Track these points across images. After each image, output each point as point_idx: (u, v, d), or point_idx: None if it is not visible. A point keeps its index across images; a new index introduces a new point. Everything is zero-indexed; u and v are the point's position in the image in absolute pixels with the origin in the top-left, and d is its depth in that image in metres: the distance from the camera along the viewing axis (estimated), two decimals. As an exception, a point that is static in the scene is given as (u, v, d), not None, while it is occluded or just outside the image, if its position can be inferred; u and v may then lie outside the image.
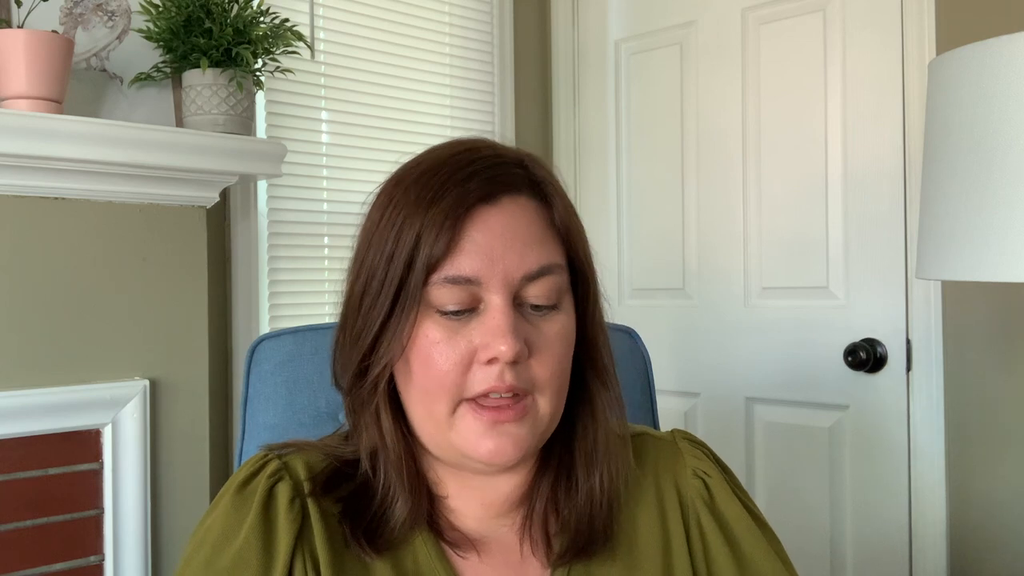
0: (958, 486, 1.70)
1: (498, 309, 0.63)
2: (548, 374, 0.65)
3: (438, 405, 0.65)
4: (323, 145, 1.91)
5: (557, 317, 0.67)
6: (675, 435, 0.81)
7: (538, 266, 0.65)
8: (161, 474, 1.48)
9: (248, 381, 1.00)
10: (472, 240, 0.64)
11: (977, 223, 1.10)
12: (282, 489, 0.68)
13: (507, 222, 0.65)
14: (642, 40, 2.19)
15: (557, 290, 0.67)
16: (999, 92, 1.08)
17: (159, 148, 1.38)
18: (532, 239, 0.66)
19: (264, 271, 1.78)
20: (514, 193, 0.66)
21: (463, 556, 0.69)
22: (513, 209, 0.66)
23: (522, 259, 0.64)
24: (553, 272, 0.66)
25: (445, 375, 0.64)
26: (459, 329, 0.64)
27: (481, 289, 0.64)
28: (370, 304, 0.66)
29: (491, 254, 0.64)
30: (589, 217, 2.28)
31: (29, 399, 1.33)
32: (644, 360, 1.11)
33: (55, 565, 1.36)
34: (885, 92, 1.77)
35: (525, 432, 0.65)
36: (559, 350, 0.66)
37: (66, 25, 1.41)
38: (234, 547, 0.66)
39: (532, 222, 0.66)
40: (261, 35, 1.48)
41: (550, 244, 0.67)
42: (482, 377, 0.63)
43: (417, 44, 2.08)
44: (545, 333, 0.66)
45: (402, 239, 0.64)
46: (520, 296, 0.65)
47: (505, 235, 0.64)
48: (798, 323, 1.90)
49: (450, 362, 0.64)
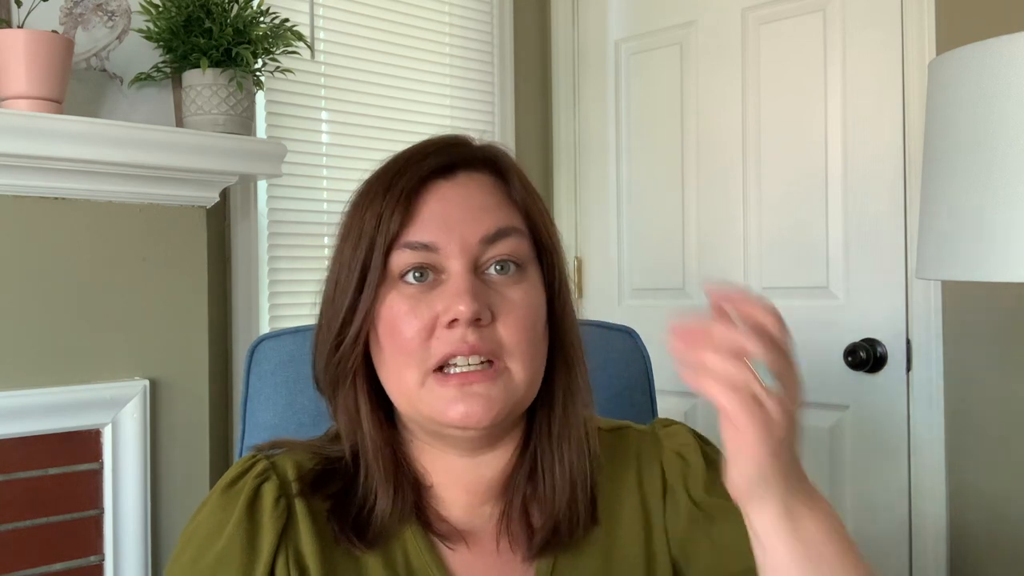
0: (958, 486, 1.70)
1: (457, 274, 0.65)
2: (516, 338, 0.66)
3: (407, 373, 0.66)
4: (323, 145, 1.91)
5: (521, 283, 0.68)
6: (655, 425, 0.81)
7: (495, 228, 0.67)
8: (161, 474, 1.48)
9: (248, 381, 1.00)
10: (429, 209, 0.67)
11: (977, 223, 1.10)
12: (268, 489, 0.69)
13: (463, 192, 0.68)
14: (642, 40, 2.19)
15: (518, 255, 0.68)
16: (999, 92, 1.08)
17: (159, 148, 1.38)
18: (489, 206, 0.68)
19: (264, 271, 1.78)
20: (471, 169, 0.70)
21: (452, 547, 0.70)
22: (468, 181, 0.69)
23: (479, 223, 0.66)
24: (511, 235, 0.67)
25: (409, 341, 0.65)
26: (423, 298, 0.66)
27: (440, 256, 0.66)
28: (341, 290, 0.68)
29: (448, 221, 0.66)
30: (589, 217, 2.28)
31: (29, 399, 1.33)
32: (644, 360, 1.11)
33: (55, 565, 1.36)
34: (885, 92, 1.77)
35: (497, 393, 0.65)
36: (525, 314, 0.67)
37: (66, 25, 1.41)
38: (219, 546, 0.67)
39: (489, 193, 0.69)
40: (261, 35, 1.48)
41: (507, 210, 0.69)
42: (445, 342, 0.65)
43: (417, 44, 2.08)
44: (509, 297, 0.66)
45: (365, 223, 0.67)
46: (481, 262, 0.67)
47: (462, 204, 0.67)
48: (798, 323, 1.87)
49: (413, 329, 0.65)
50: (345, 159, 1.93)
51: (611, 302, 2.23)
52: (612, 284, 2.23)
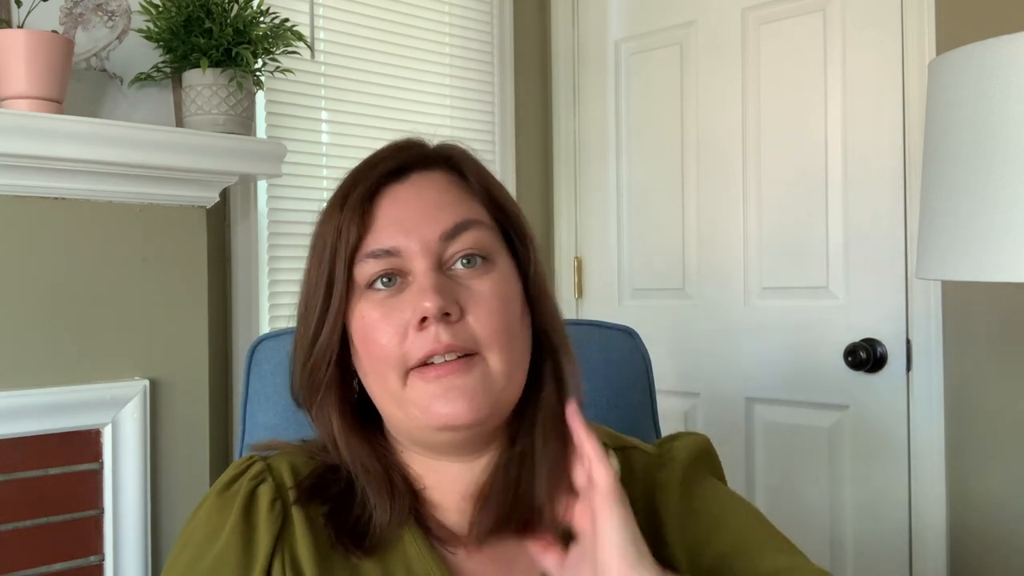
0: (958, 486, 1.70)
1: (421, 273, 0.65)
2: (489, 330, 0.65)
3: (389, 378, 0.66)
4: (323, 145, 1.91)
5: (489, 274, 0.67)
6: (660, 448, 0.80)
7: (453, 223, 0.67)
8: (161, 474, 1.48)
9: (248, 381, 1.00)
10: (385, 215, 0.67)
11: (977, 223, 1.10)
12: (264, 491, 0.69)
13: (418, 193, 0.68)
14: (642, 40, 2.19)
15: (483, 247, 0.67)
16: (999, 92, 1.08)
17: (159, 148, 1.38)
18: (445, 203, 0.68)
19: (264, 271, 1.78)
20: (423, 169, 0.70)
21: (452, 551, 0.69)
22: (423, 182, 0.69)
23: (436, 221, 0.66)
24: (472, 227, 0.67)
25: (384, 347, 0.65)
26: (393, 304, 0.66)
27: (404, 260, 0.66)
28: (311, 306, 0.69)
29: (405, 223, 0.66)
30: (589, 217, 2.28)
31: (29, 399, 1.33)
32: (644, 360, 1.11)
33: (55, 565, 1.36)
34: (885, 92, 1.77)
35: (475, 383, 0.65)
36: (496, 305, 0.66)
37: (66, 25, 1.41)
38: (216, 548, 0.67)
39: (444, 190, 0.69)
40: (261, 35, 1.48)
41: (467, 204, 0.69)
42: (420, 343, 0.64)
43: (417, 44, 2.08)
44: (477, 289, 0.66)
45: (327, 237, 0.68)
46: (445, 259, 0.66)
47: (417, 204, 0.67)
48: (798, 323, 1.90)
49: (387, 335, 0.65)
50: (345, 159, 1.93)
51: (611, 302, 2.23)
52: (612, 284, 2.23)
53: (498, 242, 0.70)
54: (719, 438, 2.01)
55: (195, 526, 0.69)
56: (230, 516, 0.68)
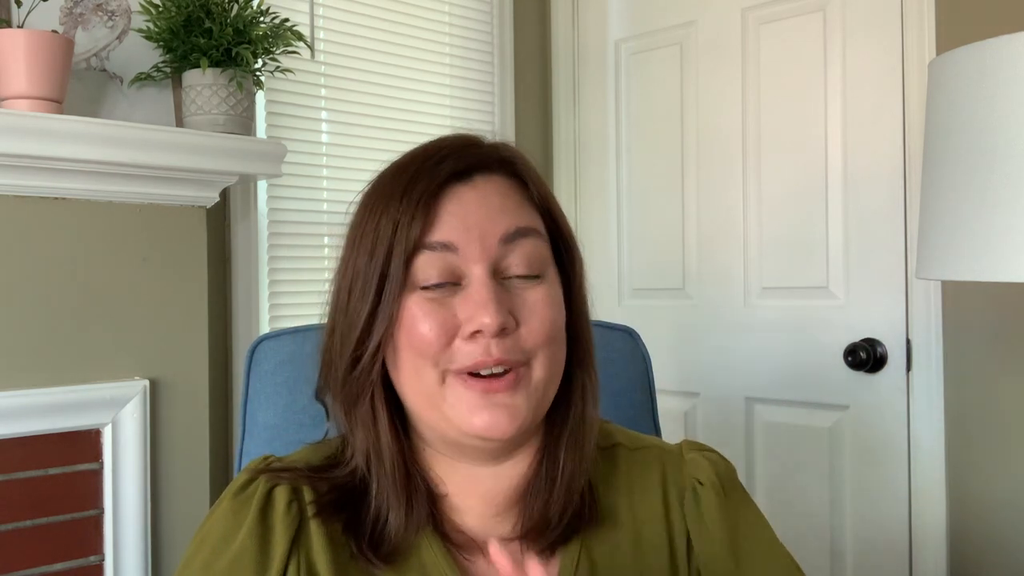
0: (958, 486, 1.70)
1: (479, 281, 0.64)
2: (540, 340, 0.65)
3: (426, 374, 0.65)
4: (323, 145, 1.91)
5: (542, 285, 0.66)
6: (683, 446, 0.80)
7: (515, 227, 0.65)
8: (161, 474, 1.48)
9: (248, 381, 1.00)
10: (447, 212, 0.65)
11: (977, 223, 1.10)
12: (280, 493, 0.69)
13: (481, 195, 0.66)
14: (642, 40, 2.19)
15: (539, 257, 0.67)
16: (999, 92, 1.08)
17: (159, 148, 1.38)
18: (507, 207, 0.66)
19: (264, 271, 1.78)
20: (487, 172, 0.68)
21: (469, 559, 0.69)
22: (486, 185, 0.67)
23: (496, 223, 0.65)
24: (531, 235, 0.66)
25: (429, 344, 0.64)
26: (443, 302, 0.64)
27: (460, 259, 0.64)
28: (358, 298, 0.66)
29: (466, 222, 0.65)
30: (589, 217, 2.28)
31: (29, 399, 1.33)
32: (644, 360, 1.11)
33: (55, 565, 1.36)
34: (885, 92, 1.77)
35: (520, 402, 0.64)
36: (548, 315, 0.66)
37: (66, 25, 1.41)
38: (232, 549, 0.66)
39: (507, 195, 0.67)
40: (261, 35, 1.48)
41: (526, 212, 0.68)
42: (468, 351, 0.63)
43: (417, 44, 2.08)
44: (530, 301, 0.65)
45: (381, 231, 0.65)
46: (501, 267, 0.65)
47: (480, 205, 0.66)
48: (798, 323, 1.90)
49: (433, 332, 0.64)
50: (345, 159, 1.93)
51: (611, 302, 2.23)
52: (612, 284, 2.23)
53: (550, 254, 0.69)
54: (719, 438, 2.03)
55: (210, 527, 0.69)
56: (247, 517, 0.67)
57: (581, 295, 0.72)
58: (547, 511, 0.69)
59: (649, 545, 0.72)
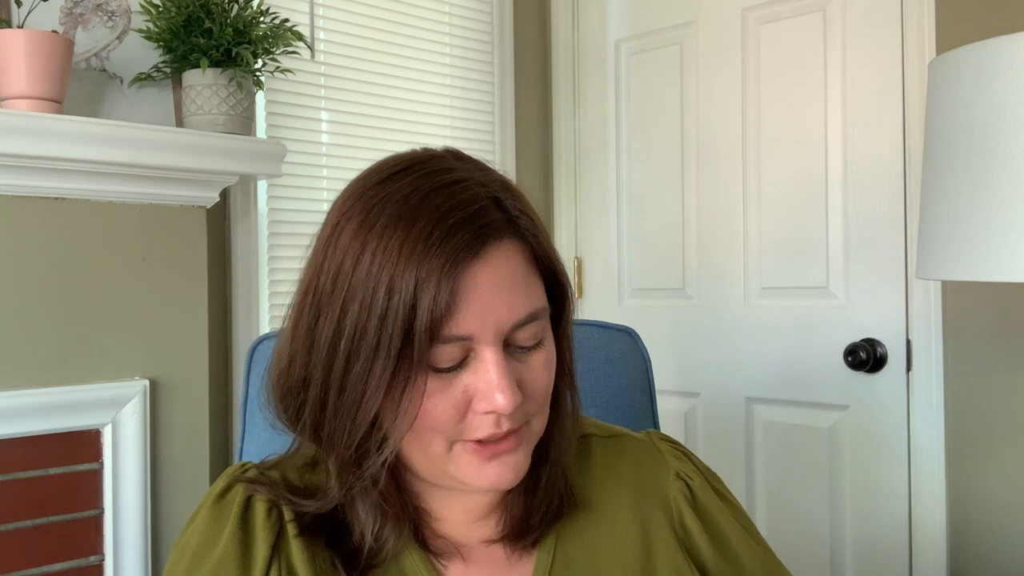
0: (958, 486, 1.70)
1: (492, 363, 0.62)
2: (540, 403, 0.67)
3: (434, 444, 0.64)
4: (323, 145, 1.91)
5: (542, 348, 0.67)
6: (651, 436, 0.81)
7: (526, 314, 0.64)
8: (161, 474, 1.48)
9: (248, 381, 1.00)
10: (464, 299, 0.61)
11: (977, 223, 1.10)
12: (259, 500, 0.69)
13: (494, 273, 0.62)
14: (642, 40, 2.19)
15: (543, 330, 0.67)
16: (999, 92, 1.08)
17: (159, 148, 1.38)
18: (518, 286, 0.64)
19: (264, 271, 1.78)
20: (497, 239, 0.63)
21: (446, 564, 0.70)
22: (498, 258, 0.63)
23: (511, 310, 0.63)
24: (539, 317, 0.66)
25: (442, 424, 0.63)
26: (452, 379, 0.63)
27: (473, 343, 0.62)
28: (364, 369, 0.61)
29: (483, 310, 0.61)
30: (589, 217, 2.28)
31: (29, 399, 1.33)
32: (644, 360, 1.11)
33: (55, 565, 1.36)
34: (885, 92, 1.77)
35: (522, 456, 0.66)
36: (547, 378, 0.67)
37: (66, 25, 1.41)
38: (213, 556, 0.67)
39: (516, 267, 0.64)
40: (261, 35, 1.48)
41: (534, 286, 0.65)
42: (478, 425, 0.63)
43: (417, 44, 2.08)
44: (533, 367, 0.66)
45: (393, 301, 0.60)
46: (508, 340, 0.64)
47: (493, 287, 0.62)
48: (798, 323, 1.90)
49: (447, 413, 0.62)
50: (345, 159, 1.93)
51: (611, 302, 2.23)
52: (612, 284, 2.23)
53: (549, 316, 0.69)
54: (719, 438, 2.03)
55: (191, 535, 0.69)
56: (227, 524, 0.68)
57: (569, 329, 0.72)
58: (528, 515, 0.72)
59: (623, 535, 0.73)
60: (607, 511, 0.75)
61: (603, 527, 0.74)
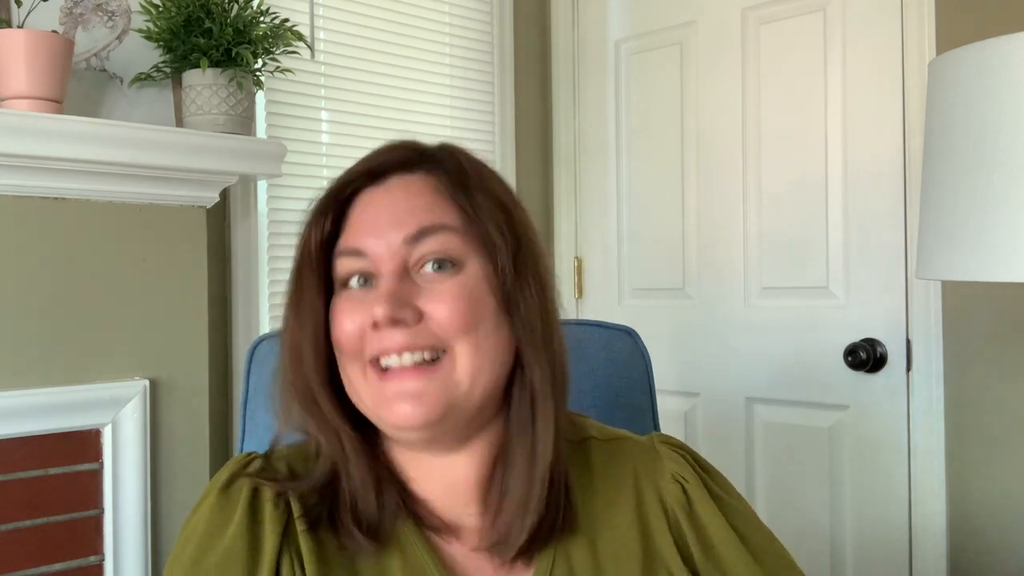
0: (958, 486, 1.70)
1: (383, 277, 0.67)
2: (452, 328, 0.66)
3: (353, 371, 0.68)
4: (323, 145, 1.91)
5: (456, 276, 0.67)
6: (653, 439, 0.80)
7: (417, 228, 0.67)
8: (161, 474, 1.48)
9: (248, 381, 1.00)
10: (357, 217, 0.69)
11: (977, 223, 1.10)
12: (266, 489, 0.70)
13: (391, 197, 0.69)
14: (642, 40, 2.19)
15: (448, 248, 0.68)
16: (999, 92, 1.08)
17: (159, 148, 1.38)
18: (415, 207, 0.69)
19: (264, 271, 1.78)
20: (403, 172, 0.71)
21: (447, 541, 0.70)
22: (399, 185, 0.70)
23: (402, 225, 0.68)
24: (437, 231, 0.68)
25: (347, 341, 0.67)
26: (361, 301, 0.67)
27: (372, 262, 0.68)
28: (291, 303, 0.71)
29: (375, 227, 0.68)
30: (589, 217, 2.28)
31: (29, 399, 1.33)
32: (644, 360, 1.11)
33: (55, 565, 1.36)
34: (885, 92, 1.77)
35: (433, 388, 0.65)
36: (459, 304, 0.66)
37: (66, 25, 1.41)
38: (222, 544, 0.66)
39: (418, 193, 0.69)
40: (261, 35, 1.48)
41: (438, 209, 0.69)
42: (374, 341, 0.66)
43: (417, 44, 2.08)
44: (439, 290, 0.67)
45: (304, 231, 0.71)
46: (410, 263, 0.67)
47: (388, 209, 0.69)
48: (798, 323, 1.90)
49: (348, 328, 0.67)
50: (345, 159, 1.90)
51: (611, 302, 2.23)
52: (612, 284, 2.23)
53: (472, 245, 0.69)
54: (719, 438, 2.03)
55: (197, 523, 0.69)
56: (235, 513, 0.68)
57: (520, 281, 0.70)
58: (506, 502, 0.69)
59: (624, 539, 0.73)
60: (609, 521, 0.74)
61: (606, 532, 0.73)
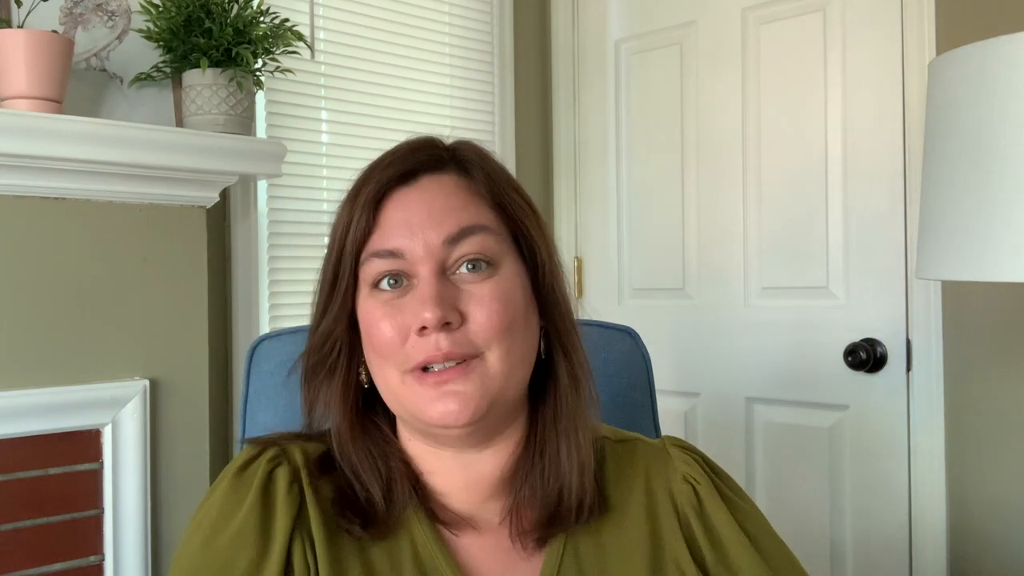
0: (958, 486, 1.70)
1: (423, 280, 0.66)
2: (490, 332, 0.66)
3: (389, 374, 0.68)
4: (323, 145, 1.91)
5: (492, 278, 0.68)
6: (665, 441, 0.81)
7: (457, 228, 0.68)
8: (161, 474, 1.48)
9: (248, 381, 1.00)
10: (392, 217, 0.69)
11: (977, 223, 1.10)
12: (281, 473, 0.70)
13: (425, 197, 0.69)
14: (642, 40, 2.19)
15: (487, 252, 0.68)
16: (999, 92, 1.08)
17: (159, 148, 1.38)
18: (451, 207, 0.69)
19: (264, 271, 1.78)
20: (434, 172, 0.71)
21: (458, 535, 0.71)
22: (431, 185, 0.70)
23: (440, 225, 0.68)
24: (476, 232, 0.68)
25: (386, 346, 0.67)
26: (396, 304, 0.67)
27: (408, 262, 0.67)
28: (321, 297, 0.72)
29: (410, 227, 0.68)
30: (589, 217, 2.28)
31: (29, 399, 1.33)
32: (644, 360, 1.11)
33: (55, 565, 1.36)
34: (885, 92, 1.77)
35: (472, 389, 0.66)
36: (498, 307, 0.67)
37: (66, 25, 1.41)
38: (232, 527, 0.67)
39: (451, 193, 0.70)
40: (261, 35, 1.48)
41: (473, 209, 0.70)
42: (420, 348, 0.66)
43: (417, 44, 2.08)
44: (479, 294, 0.67)
45: (338, 232, 0.71)
46: (449, 264, 0.68)
47: (423, 209, 0.68)
48: (798, 323, 1.90)
49: (389, 334, 0.67)
50: (345, 159, 1.93)
51: (611, 302, 2.23)
52: (612, 284, 2.23)
53: (505, 246, 0.70)
54: (719, 438, 2.03)
55: (210, 506, 0.69)
56: (247, 496, 0.68)
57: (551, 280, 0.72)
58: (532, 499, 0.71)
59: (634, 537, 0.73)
60: (618, 513, 0.74)
61: (614, 528, 0.73)
